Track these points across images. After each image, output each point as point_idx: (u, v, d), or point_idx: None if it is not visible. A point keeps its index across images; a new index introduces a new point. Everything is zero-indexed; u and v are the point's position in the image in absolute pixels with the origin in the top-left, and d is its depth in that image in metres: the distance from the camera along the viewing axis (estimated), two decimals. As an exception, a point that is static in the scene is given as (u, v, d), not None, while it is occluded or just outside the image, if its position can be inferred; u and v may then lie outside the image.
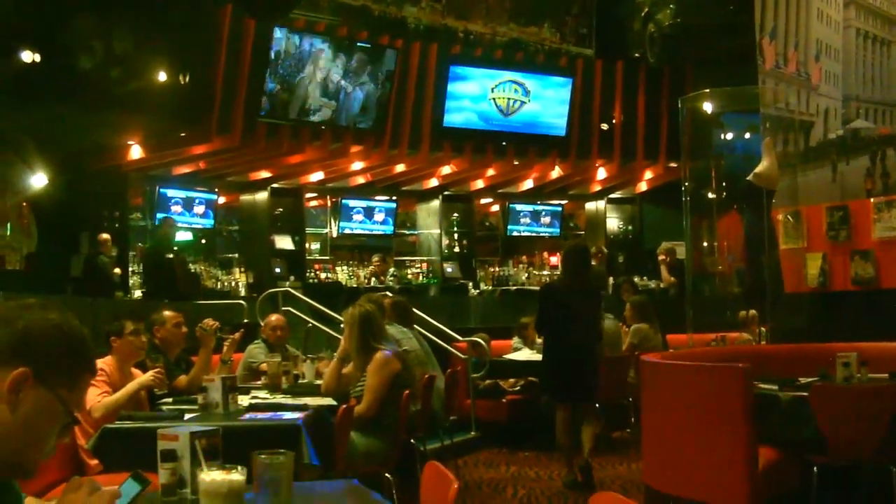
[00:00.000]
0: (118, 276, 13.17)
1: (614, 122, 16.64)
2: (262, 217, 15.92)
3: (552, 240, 18.43)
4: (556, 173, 16.93)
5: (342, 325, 6.83)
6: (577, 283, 8.09)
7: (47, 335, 1.98)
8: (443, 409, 8.00)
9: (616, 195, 18.92)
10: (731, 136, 11.82)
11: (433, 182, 17.01)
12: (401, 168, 15.91)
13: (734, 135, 11.80)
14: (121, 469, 4.54)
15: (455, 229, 17.76)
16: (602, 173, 17.28)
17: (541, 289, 9.92)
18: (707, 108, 11.24)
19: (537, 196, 18.43)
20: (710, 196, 11.39)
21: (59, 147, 12.32)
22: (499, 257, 18.28)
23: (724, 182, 11.28)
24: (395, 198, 17.28)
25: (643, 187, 18.31)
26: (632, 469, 8.42)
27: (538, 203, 18.48)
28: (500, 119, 15.75)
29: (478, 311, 14.47)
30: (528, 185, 17.74)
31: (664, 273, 14.42)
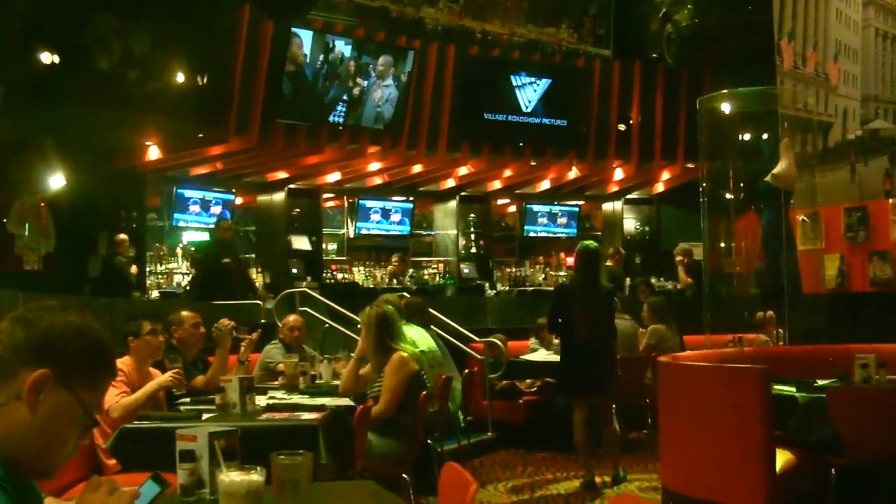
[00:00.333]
0: (135, 276, 13.21)
1: (632, 122, 16.59)
2: (279, 217, 15.93)
3: (569, 240, 18.35)
4: (573, 174, 16.90)
5: (359, 325, 6.85)
6: (588, 283, 8.12)
7: (68, 337, 1.98)
8: (459, 410, 8.00)
9: (633, 196, 18.85)
10: (748, 136, 11.76)
11: (450, 182, 17.01)
12: (418, 169, 15.92)
13: (752, 135, 11.75)
14: (139, 469, 4.57)
15: (472, 230, 17.73)
16: (619, 174, 17.24)
17: (554, 289, 9.93)
18: (725, 108, 11.20)
19: (554, 197, 18.39)
20: (728, 197, 11.35)
21: (78, 148, 12.36)
22: (515, 258, 18.24)
23: (742, 183, 11.24)
24: (411, 198, 17.27)
25: (660, 188, 18.25)
26: (649, 470, 8.40)
27: (555, 204, 18.42)
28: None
29: (494, 311, 14.44)
30: (545, 185, 17.71)
31: (681, 274, 14.39)
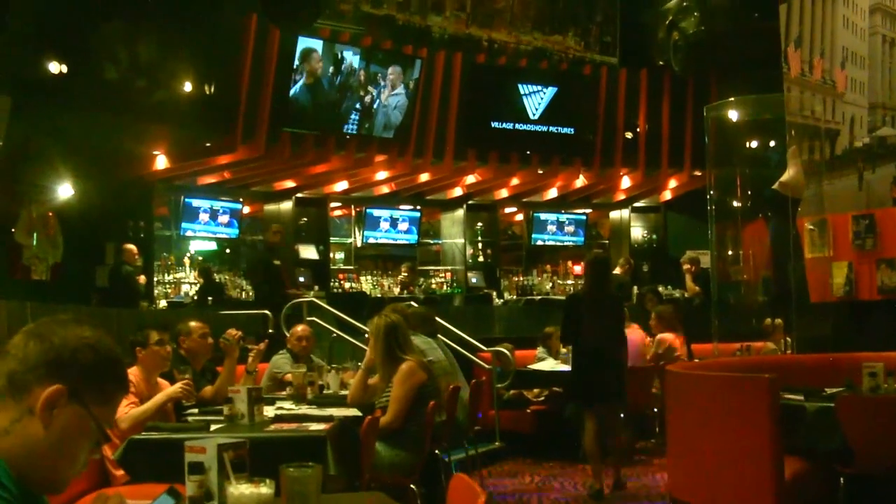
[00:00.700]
0: (143, 285, 13.23)
1: (639, 130, 16.61)
2: (286, 226, 15.95)
3: (576, 249, 18.39)
4: (580, 182, 16.92)
5: (367, 335, 6.84)
6: (599, 293, 8.14)
7: (82, 352, 1.97)
8: (467, 420, 7.99)
9: (640, 204, 18.86)
10: (755, 144, 11.75)
11: (457, 191, 17.03)
12: (425, 177, 15.94)
13: (759, 143, 11.74)
14: (147, 480, 4.58)
15: (479, 238, 17.75)
16: (626, 182, 17.23)
17: (566, 299, 9.94)
18: (732, 116, 11.20)
19: (561, 205, 18.40)
20: (736, 205, 11.34)
21: (85, 157, 12.37)
22: (523, 267, 18.26)
23: (750, 190, 11.23)
24: (419, 207, 17.29)
25: (668, 196, 18.24)
26: (657, 479, 8.40)
27: (562, 212, 18.43)
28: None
29: (502, 320, 14.45)
30: (553, 194, 17.72)
31: (689, 282, 14.38)
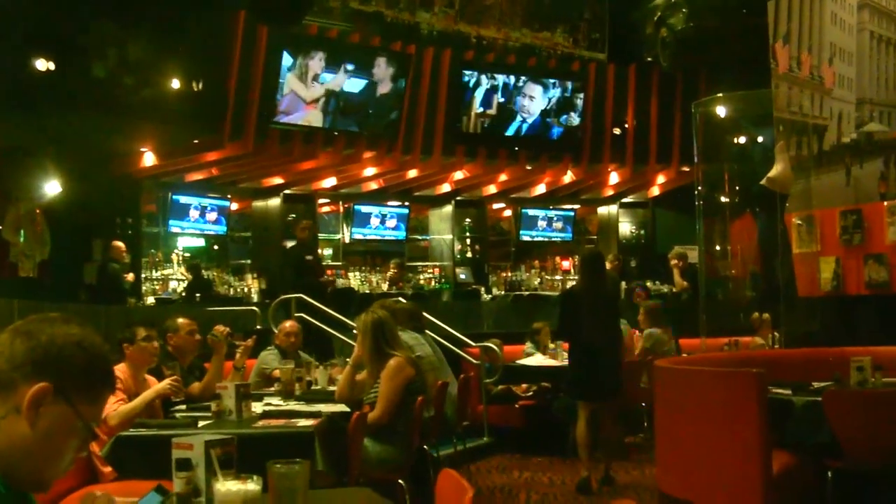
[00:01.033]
0: (130, 283, 13.20)
1: (627, 126, 16.61)
2: (274, 223, 15.94)
3: (564, 245, 18.41)
4: (568, 178, 16.92)
5: (355, 331, 6.84)
6: (594, 288, 8.15)
7: (69, 351, 1.96)
8: (455, 415, 8.00)
9: (628, 199, 18.87)
10: (743, 139, 11.78)
11: (445, 187, 17.02)
12: (413, 173, 15.92)
13: (747, 138, 11.76)
14: (135, 476, 4.57)
15: (467, 234, 17.73)
16: (615, 178, 17.25)
17: (561, 295, 9.95)
18: (720, 112, 11.22)
19: (549, 201, 18.40)
20: (723, 200, 11.37)
21: (73, 154, 12.34)
22: (511, 262, 18.24)
23: (738, 186, 11.25)
24: (407, 203, 17.28)
25: (656, 191, 18.28)
26: (645, 474, 8.40)
27: (550, 208, 18.44)
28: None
29: (490, 316, 14.44)
30: (541, 189, 17.72)
31: (677, 277, 14.40)
